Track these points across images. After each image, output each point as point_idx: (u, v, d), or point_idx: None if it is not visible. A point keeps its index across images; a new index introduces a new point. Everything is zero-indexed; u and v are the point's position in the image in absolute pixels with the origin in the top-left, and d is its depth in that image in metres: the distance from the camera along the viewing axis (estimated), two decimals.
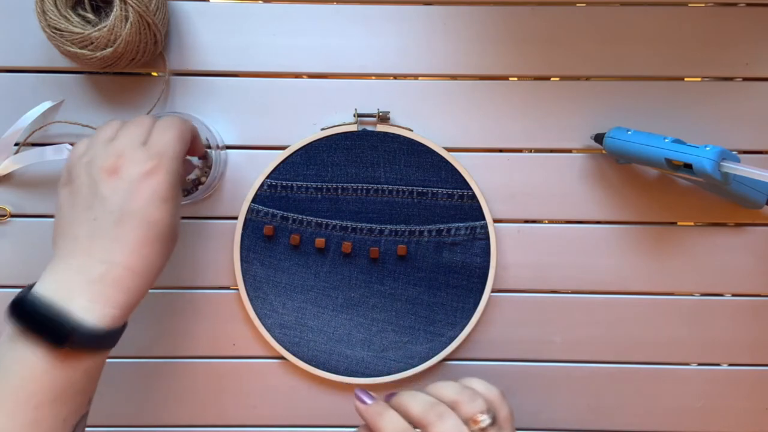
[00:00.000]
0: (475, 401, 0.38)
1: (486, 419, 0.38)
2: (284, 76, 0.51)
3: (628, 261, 0.52)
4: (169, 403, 0.53)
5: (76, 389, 0.37)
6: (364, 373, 0.51)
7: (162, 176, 0.39)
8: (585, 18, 0.51)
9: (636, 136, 0.47)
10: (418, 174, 0.51)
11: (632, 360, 0.53)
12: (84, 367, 0.37)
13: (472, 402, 0.38)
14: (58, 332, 0.35)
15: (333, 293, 0.51)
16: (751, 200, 0.48)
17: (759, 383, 0.53)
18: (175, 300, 0.52)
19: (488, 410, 0.38)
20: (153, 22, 0.45)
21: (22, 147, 0.50)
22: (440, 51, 0.51)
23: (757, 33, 0.51)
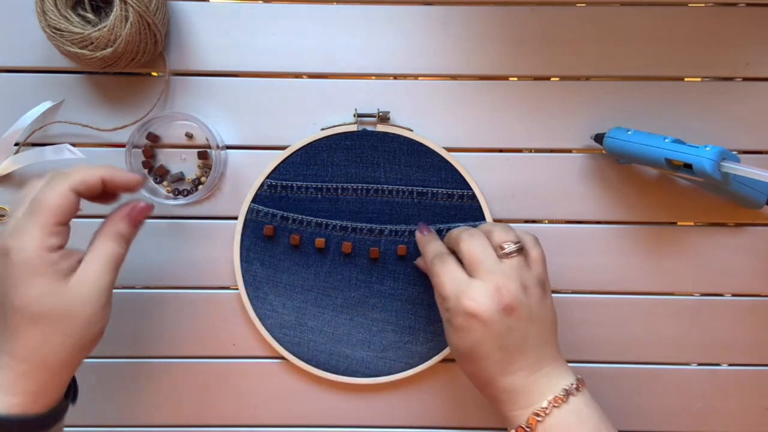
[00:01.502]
0: (507, 233, 0.42)
1: (509, 247, 0.41)
2: (284, 76, 0.51)
3: (628, 261, 0.52)
4: (169, 403, 0.53)
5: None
6: (364, 373, 0.51)
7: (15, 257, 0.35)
8: (585, 18, 0.51)
9: (636, 136, 0.47)
10: (418, 174, 0.51)
11: (632, 360, 0.53)
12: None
13: (504, 233, 0.42)
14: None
15: (333, 293, 0.51)
16: (751, 200, 0.48)
17: (759, 383, 0.53)
18: (175, 300, 0.52)
19: (516, 242, 0.41)
20: (153, 22, 0.45)
21: (22, 147, 0.50)
22: (440, 51, 0.51)
23: (757, 33, 0.51)
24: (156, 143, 0.51)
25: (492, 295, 0.39)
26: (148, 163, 0.51)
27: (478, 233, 0.42)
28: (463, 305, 0.39)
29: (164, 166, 0.51)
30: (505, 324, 0.39)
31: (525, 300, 0.40)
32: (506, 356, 0.40)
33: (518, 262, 0.41)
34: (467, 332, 0.39)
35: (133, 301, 0.52)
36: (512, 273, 0.40)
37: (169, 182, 0.51)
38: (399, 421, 0.53)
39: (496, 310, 0.39)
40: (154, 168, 0.51)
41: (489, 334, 0.39)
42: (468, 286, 0.40)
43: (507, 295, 0.39)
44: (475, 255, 0.41)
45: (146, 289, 0.52)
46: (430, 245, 0.45)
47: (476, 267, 0.40)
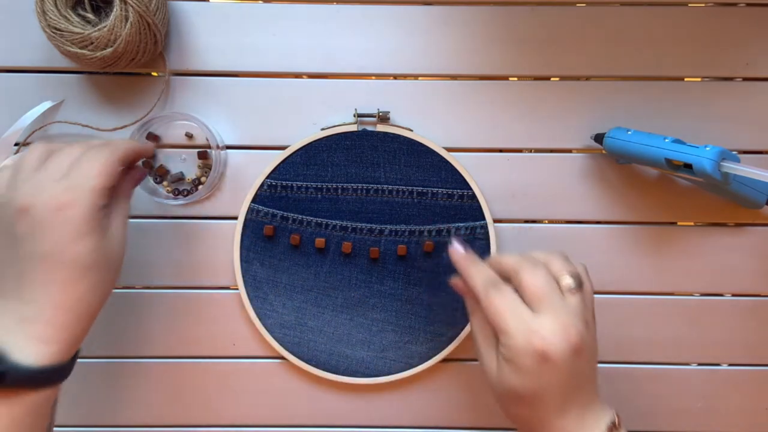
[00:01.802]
0: (566, 265, 0.40)
1: (572, 282, 0.39)
2: (284, 76, 0.51)
3: (628, 261, 0.52)
4: (169, 403, 0.53)
5: (24, 426, 0.37)
6: (364, 373, 0.51)
7: (74, 211, 0.37)
8: (585, 18, 0.51)
9: (636, 136, 0.47)
10: (418, 174, 0.51)
11: (632, 360, 0.53)
12: (29, 404, 0.37)
13: (564, 264, 0.40)
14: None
15: (333, 293, 0.51)
16: (751, 200, 0.48)
17: (759, 383, 0.53)
18: (175, 300, 0.52)
19: (576, 275, 0.39)
20: (153, 22, 0.45)
21: (22, 147, 0.50)
22: (440, 51, 0.51)
23: (757, 33, 0.51)
24: (156, 143, 0.51)
25: (563, 335, 0.36)
26: (148, 163, 0.51)
27: (539, 264, 0.39)
28: (535, 345, 0.36)
29: (164, 166, 0.51)
30: (572, 366, 0.37)
31: (588, 339, 0.38)
32: (565, 397, 0.38)
33: (580, 299, 0.39)
34: (535, 375, 0.37)
35: (133, 301, 0.52)
36: (577, 311, 0.38)
37: (169, 182, 0.51)
38: (399, 421, 0.53)
39: (567, 352, 0.36)
40: (154, 168, 0.51)
41: (558, 376, 0.37)
42: (537, 324, 0.37)
43: (575, 336, 0.37)
44: (540, 289, 0.38)
45: (146, 289, 0.52)
46: (477, 270, 0.41)
47: (542, 302, 0.37)
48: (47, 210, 0.37)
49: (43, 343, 0.37)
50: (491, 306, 0.38)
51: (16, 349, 0.36)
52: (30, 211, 0.37)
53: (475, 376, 0.53)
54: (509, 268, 0.40)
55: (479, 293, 0.39)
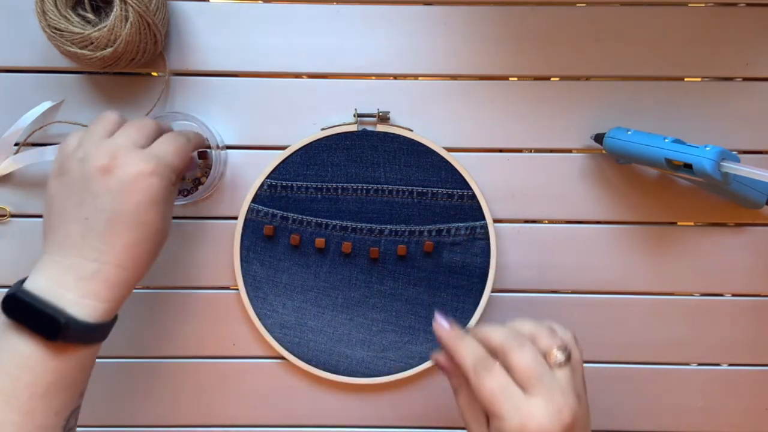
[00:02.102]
0: (553, 337, 0.39)
1: (561, 356, 0.39)
2: (284, 76, 0.51)
3: (628, 261, 0.52)
4: (169, 403, 0.53)
5: (68, 382, 0.38)
6: (364, 373, 0.51)
7: (156, 179, 0.39)
8: (585, 18, 0.51)
9: (636, 136, 0.47)
10: (418, 174, 0.51)
11: (632, 360, 0.53)
12: (75, 359, 0.38)
13: (550, 337, 0.39)
14: (52, 326, 0.36)
15: (333, 293, 0.51)
16: (751, 200, 0.48)
17: (759, 383, 0.53)
18: (175, 300, 0.52)
19: (564, 348, 0.39)
20: (153, 22, 0.45)
21: (22, 147, 0.50)
22: (440, 51, 0.51)
23: (757, 33, 0.51)
24: None
25: (556, 416, 0.36)
26: None
27: (526, 342, 0.38)
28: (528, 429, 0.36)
29: None
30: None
31: (580, 414, 0.38)
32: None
33: (569, 372, 0.39)
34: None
35: (133, 301, 0.52)
36: (567, 386, 0.38)
37: None
38: (399, 421, 0.53)
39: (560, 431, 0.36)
40: None
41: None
42: (529, 406, 0.36)
43: (567, 414, 0.37)
44: (530, 369, 0.37)
45: (146, 289, 0.52)
46: (464, 345, 0.40)
47: (532, 383, 0.37)
48: (132, 173, 0.39)
49: (99, 300, 0.38)
50: (483, 388, 0.38)
51: (72, 304, 0.37)
52: (114, 172, 0.39)
53: None
54: (495, 346, 0.39)
55: (469, 373, 0.39)
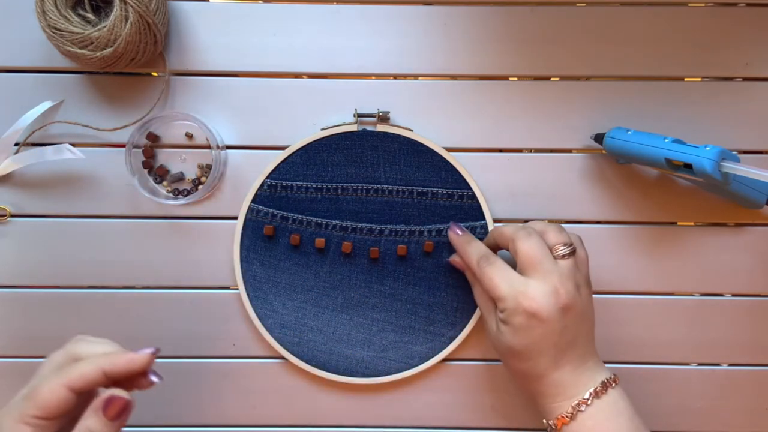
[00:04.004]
0: (560, 234, 0.44)
1: (565, 249, 0.43)
2: (284, 76, 0.51)
3: (628, 261, 0.52)
4: (168, 402, 0.53)
5: None
6: (364, 373, 0.51)
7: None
8: (585, 18, 0.51)
9: (636, 136, 0.47)
10: (418, 174, 0.51)
11: (632, 360, 0.53)
12: None
13: (558, 233, 0.44)
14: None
15: (333, 293, 0.51)
16: (751, 200, 0.48)
17: (759, 383, 0.53)
18: (175, 300, 0.52)
19: (569, 244, 0.43)
20: (153, 22, 0.45)
21: (22, 147, 0.50)
22: (440, 51, 0.51)
23: (757, 33, 0.51)
24: (156, 143, 0.51)
25: (551, 295, 0.41)
26: (148, 163, 0.51)
27: (534, 233, 0.43)
28: (524, 305, 0.41)
29: (164, 166, 0.51)
30: (562, 323, 0.41)
31: (578, 299, 0.42)
32: (559, 352, 0.42)
33: (571, 263, 0.43)
34: (526, 331, 0.41)
35: (133, 301, 0.52)
36: (568, 274, 0.42)
37: (169, 182, 0.51)
38: (399, 421, 0.53)
39: (555, 310, 0.41)
40: (154, 168, 0.51)
41: (547, 332, 0.41)
42: (526, 286, 0.41)
43: (564, 296, 0.41)
44: (533, 255, 0.42)
45: (146, 289, 0.52)
46: (471, 245, 0.46)
47: (534, 267, 0.42)
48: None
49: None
50: (485, 276, 0.43)
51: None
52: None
53: (474, 376, 0.53)
54: (507, 237, 0.44)
55: (474, 267, 0.45)
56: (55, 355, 0.39)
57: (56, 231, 0.52)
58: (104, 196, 0.51)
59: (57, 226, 0.52)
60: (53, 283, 0.52)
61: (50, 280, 0.52)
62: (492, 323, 0.45)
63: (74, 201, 0.51)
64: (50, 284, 0.52)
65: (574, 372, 0.42)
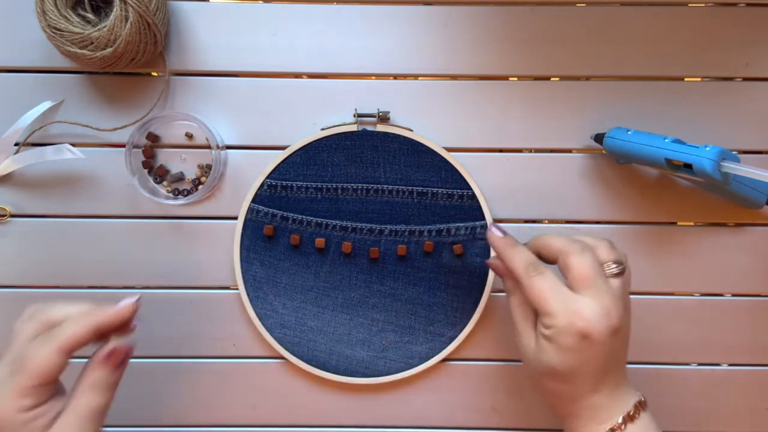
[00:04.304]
0: (611, 251, 0.42)
1: (616, 268, 0.41)
2: (284, 76, 0.51)
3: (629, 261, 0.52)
4: (169, 403, 0.53)
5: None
6: (364, 373, 0.51)
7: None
8: (585, 18, 0.51)
9: (636, 136, 0.47)
10: (418, 174, 0.51)
11: (632, 360, 0.53)
12: None
13: (610, 251, 0.42)
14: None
15: (333, 293, 0.51)
16: (751, 200, 0.48)
17: (759, 383, 0.53)
18: (175, 300, 0.52)
19: (620, 262, 0.41)
20: (153, 22, 0.45)
21: (22, 147, 0.50)
22: (440, 51, 0.51)
23: (757, 33, 0.51)
24: (156, 143, 0.51)
25: (604, 316, 0.39)
26: (148, 163, 0.51)
27: (588, 249, 0.41)
28: (577, 325, 0.38)
29: (164, 166, 0.51)
30: (610, 345, 0.39)
31: (626, 321, 0.41)
32: (600, 375, 0.40)
33: (621, 283, 0.41)
34: (574, 353, 0.39)
35: None
36: (618, 294, 0.40)
37: (169, 182, 0.51)
38: (399, 421, 0.53)
39: (606, 332, 0.39)
40: (154, 168, 0.51)
41: (596, 355, 0.39)
42: (580, 305, 0.39)
43: (615, 317, 0.39)
44: (587, 272, 0.39)
45: (146, 289, 0.52)
46: (517, 250, 0.43)
47: (587, 285, 0.39)
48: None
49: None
50: (533, 288, 0.40)
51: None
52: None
53: (475, 376, 0.53)
54: (557, 249, 0.41)
55: (520, 275, 0.41)
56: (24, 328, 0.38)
57: (56, 231, 0.52)
58: (104, 196, 0.51)
59: (57, 226, 0.52)
60: (53, 283, 0.52)
61: (50, 280, 0.52)
62: (529, 338, 0.42)
63: (74, 201, 0.51)
64: (50, 284, 0.52)
65: (610, 395, 0.41)
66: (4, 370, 0.36)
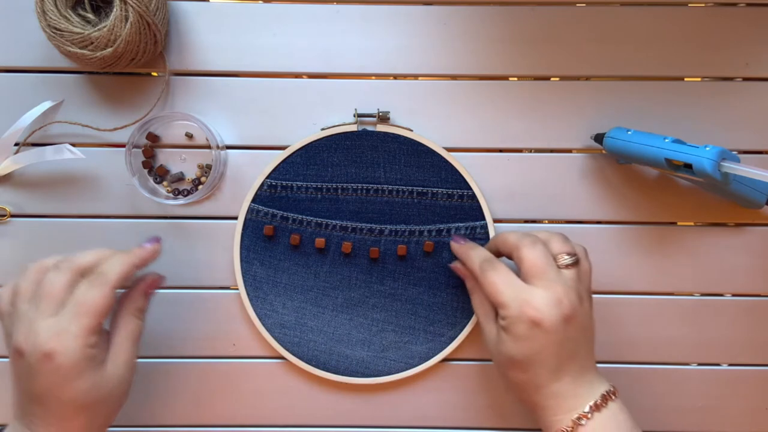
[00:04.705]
0: (564, 244, 0.43)
1: (569, 259, 0.42)
2: (284, 76, 0.51)
3: (628, 261, 0.52)
4: (169, 403, 0.53)
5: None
6: (364, 373, 0.51)
7: (62, 358, 0.38)
8: (585, 18, 0.51)
9: (636, 136, 0.47)
10: (418, 174, 0.51)
11: (632, 360, 0.53)
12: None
13: (563, 243, 0.43)
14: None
15: (333, 293, 0.51)
16: (751, 200, 0.48)
17: (759, 383, 0.53)
18: (175, 300, 0.52)
19: (573, 254, 0.43)
20: (153, 22, 0.45)
21: (22, 147, 0.50)
22: (440, 51, 0.51)
23: (757, 33, 0.51)
24: (156, 143, 0.51)
25: (555, 305, 0.40)
26: (148, 163, 0.51)
27: (539, 242, 0.42)
28: (528, 314, 0.40)
29: (164, 166, 0.51)
30: (563, 333, 0.40)
31: (580, 310, 0.41)
32: (559, 363, 0.41)
33: (574, 273, 0.42)
34: (528, 341, 0.40)
35: None
36: (571, 284, 0.41)
37: (169, 182, 0.51)
38: (399, 421, 0.53)
39: (558, 320, 0.40)
40: (154, 168, 0.51)
41: (549, 342, 0.40)
42: (530, 294, 0.40)
43: (567, 306, 0.40)
44: (537, 264, 0.41)
45: None
46: (474, 251, 0.46)
47: (538, 275, 0.41)
48: (36, 357, 0.38)
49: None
50: (487, 281, 0.42)
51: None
52: (23, 356, 0.38)
53: (475, 376, 0.53)
54: (511, 244, 0.43)
55: (476, 271, 0.44)
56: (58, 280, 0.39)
57: (56, 231, 0.52)
58: (104, 196, 0.51)
59: (57, 226, 0.52)
60: None
61: None
62: (491, 331, 0.44)
63: (74, 201, 0.51)
64: None
65: (573, 383, 0.42)
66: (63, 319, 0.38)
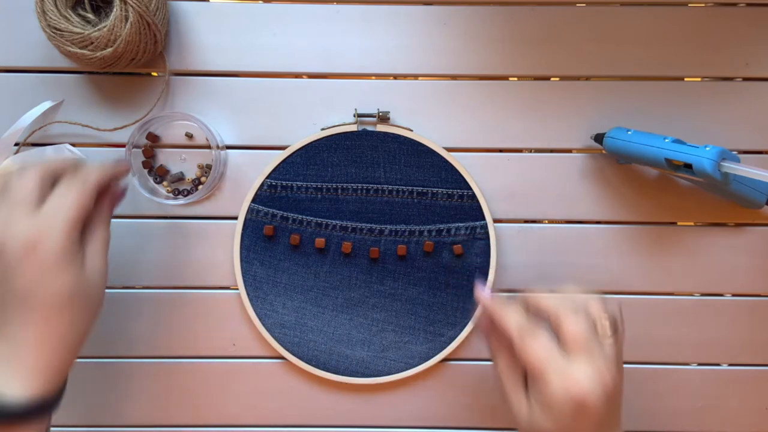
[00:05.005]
0: (603, 308, 0.41)
1: (609, 327, 0.40)
2: (284, 76, 0.51)
3: (628, 261, 0.52)
4: (169, 403, 0.53)
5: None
6: (364, 373, 0.51)
7: (47, 249, 0.36)
8: (585, 18, 0.51)
9: (636, 136, 0.47)
10: (418, 174, 0.51)
11: (632, 360, 0.53)
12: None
13: (601, 309, 0.41)
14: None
15: (333, 293, 0.51)
16: (751, 200, 0.48)
17: (759, 383, 0.53)
18: (175, 300, 0.52)
19: (613, 320, 0.40)
20: (153, 22, 0.45)
21: (22, 147, 0.50)
22: (440, 51, 0.51)
23: (757, 33, 0.51)
24: (156, 143, 0.51)
25: (598, 381, 0.38)
26: (148, 163, 0.51)
27: (580, 310, 0.40)
28: (572, 393, 0.37)
29: (164, 166, 0.51)
30: (606, 411, 0.38)
31: (619, 381, 0.40)
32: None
33: (615, 342, 0.40)
34: (570, 420, 0.38)
35: (134, 301, 0.52)
36: (612, 356, 0.39)
37: (169, 182, 0.51)
38: (399, 421, 0.53)
39: (600, 397, 0.37)
40: (154, 168, 0.51)
41: (592, 422, 0.38)
42: (574, 371, 0.38)
43: (610, 381, 0.38)
44: (580, 336, 0.39)
45: (146, 289, 0.52)
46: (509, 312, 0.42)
47: (581, 349, 0.38)
48: (18, 249, 0.36)
49: (28, 379, 0.37)
50: (528, 351, 0.39)
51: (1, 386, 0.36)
52: (2, 254, 0.36)
53: (474, 376, 0.53)
54: (548, 312, 0.40)
55: (514, 338, 0.40)
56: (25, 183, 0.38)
57: None
58: None
59: None
60: None
61: None
62: (520, 400, 0.41)
63: None
64: None
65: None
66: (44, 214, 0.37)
